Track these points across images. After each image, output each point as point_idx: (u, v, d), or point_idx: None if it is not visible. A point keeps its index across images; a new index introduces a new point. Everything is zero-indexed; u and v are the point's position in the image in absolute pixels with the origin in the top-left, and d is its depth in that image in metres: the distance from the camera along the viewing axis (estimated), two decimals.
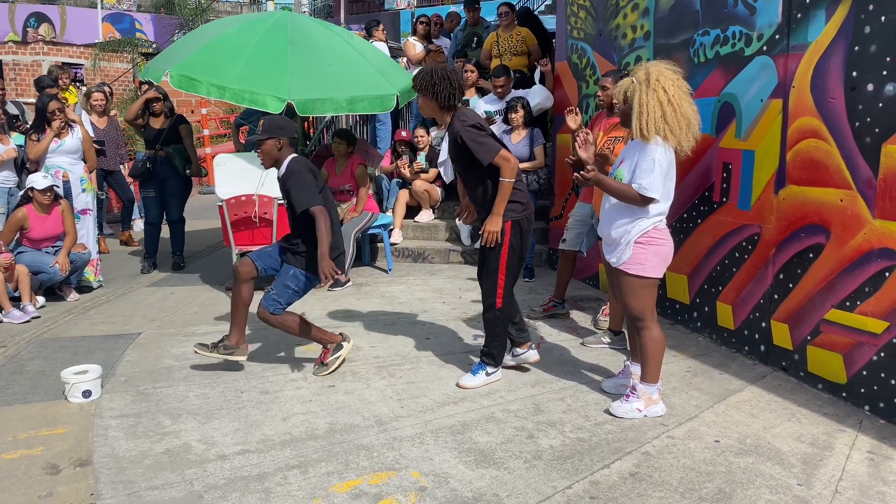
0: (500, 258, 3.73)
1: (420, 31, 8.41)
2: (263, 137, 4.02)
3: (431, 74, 3.68)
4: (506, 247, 3.71)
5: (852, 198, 3.62)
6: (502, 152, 3.59)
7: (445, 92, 3.63)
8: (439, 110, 3.72)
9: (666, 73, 3.30)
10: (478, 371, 3.91)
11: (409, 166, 7.26)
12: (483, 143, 3.57)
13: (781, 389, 3.88)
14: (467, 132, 3.58)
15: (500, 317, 3.85)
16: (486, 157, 3.57)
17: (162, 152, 6.60)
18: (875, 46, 3.47)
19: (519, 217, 3.72)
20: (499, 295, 3.79)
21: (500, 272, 3.75)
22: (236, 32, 5.70)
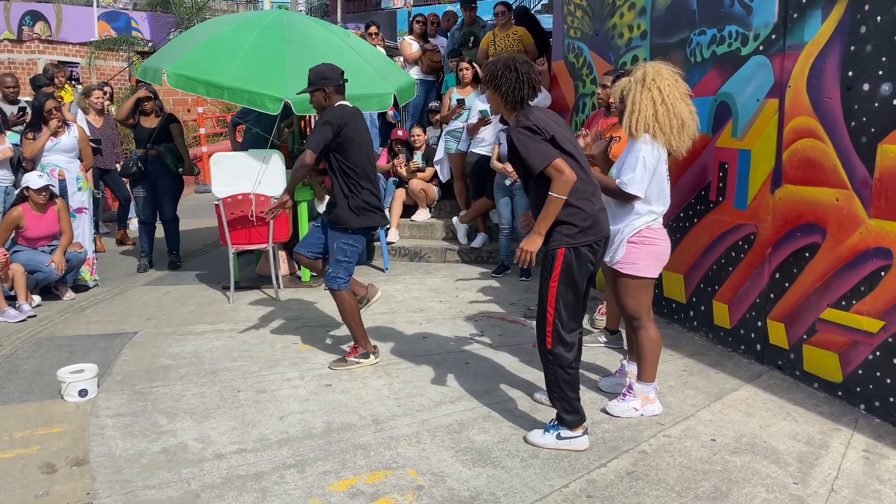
0: (548, 289, 3.11)
1: (416, 30, 8.40)
2: (310, 90, 4.14)
3: (496, 64, 3.17)
4: (555, 277, 3.08)
5: (848, 197, 3.63)
6: (556, 162, 2.95)
7: (509, 85, 3.10)
8: (504, 107, 3.19)
9: (664, 72, 3.30)
10: (549, 430, 3.25)
11: (406, 165, 7.26)
12: (534, 149, 2.99)
13: (777, 388, 3.89)
14: (518, 134, 3.04)
15: (553, 360, 3.15)
16: (537, 164, 2.98)
17: (153, 151, 6.59)
18: (871, 46, 3.48)
19: (575, 243, 3.05)
20: (548, 333, 3.13)
21: (549, 306, 3.11)
22: (232, 31, 5.69)
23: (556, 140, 3.02)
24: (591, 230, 3.08)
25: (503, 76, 3.10)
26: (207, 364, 4.31)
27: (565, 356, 3.14)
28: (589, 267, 3.12)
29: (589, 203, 3.08)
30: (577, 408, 3.19)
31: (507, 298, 5.74)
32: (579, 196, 3.03)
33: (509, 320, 5.17)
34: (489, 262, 6.87)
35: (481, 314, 5.31)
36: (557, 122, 3.15)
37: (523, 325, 5.04)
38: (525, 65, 3.15)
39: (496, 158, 6.18)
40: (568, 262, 3.06)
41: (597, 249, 3.12)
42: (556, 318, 3.11)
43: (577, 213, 3.04)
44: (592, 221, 3.08)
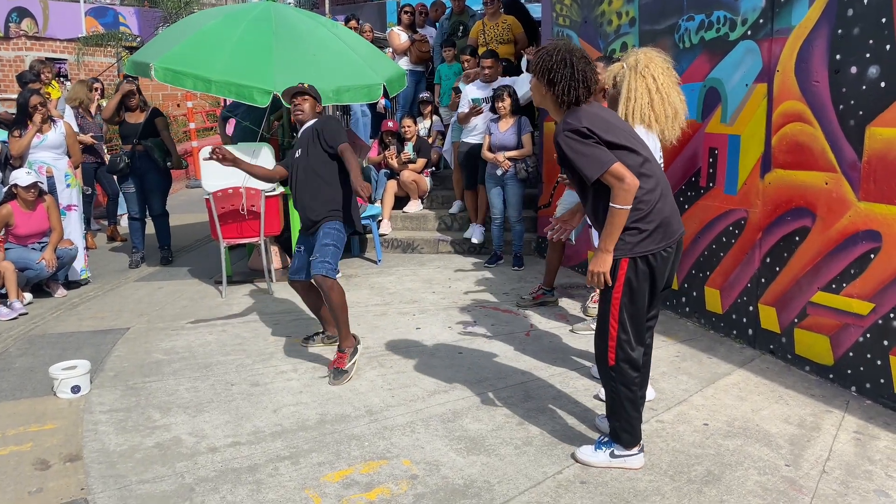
0: (610, 300, 2.80)
1: (405, 20, 8.37)
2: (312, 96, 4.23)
3: (551, 55, 2.76)
4: (618, 287, 2.77)
5: (837, 181, 3.64)
6: (614, 168, 2.63)
7: (563, 83, 2.73)
8: (552, 105, 2.83)
9: (656, 60, 3.30)
10: (600, 447, 2.99)
11: (397, 157, 7.24)
12: (587, 155, 2.66)
13: (769, 372, 3.91)
14: (566, 139, 2.70)
15: (615, 378, 2.87)
16: (592, 172, 2.66)
17: (140, 147, 6.57)
18: (858, 29, 3.48)
19: (642, 252, 2.73)
20: (610, 348, 2.84)
21: (612, 318, 2.81)
22: (220, 24, 5.65)
23: (613, 140, 2.70)
24: (660, 234, 2.74)
25: (557, 70, 2.72)
26: (200, 358, 4.30)
27: (630, 373, 2.85)
28: (660, 276, 2.80)
29: (655, 203, 2.73)
30: (637, 428, 2.91)
31: (500, 288, 5.75)
32: (644, 195, 2.70)
33: (502, 310, 5.18)
34: (482, 253, 6.87)
35: (474, 304, 5.31)
36: (611, 118, 2.82)
37: (516, 315, 5.05)
38: (583, 60, 2.75)
39: (486, 148, 6.16)
40: (632, 273, 2.75)
41: (667, 256, 2.79)
42: (621, 332, 2.81)
43: (641, 216, 2.71)
44: (660, 223, 2.73)
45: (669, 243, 2.78)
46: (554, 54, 2.77)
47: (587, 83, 2.75)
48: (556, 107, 2.83)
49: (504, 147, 6.07)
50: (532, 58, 2.84)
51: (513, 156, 6.03)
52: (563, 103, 2.79)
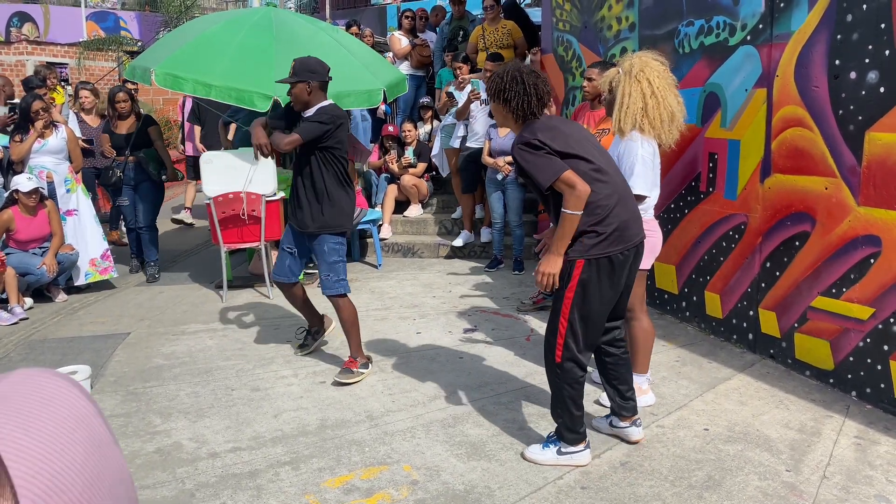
0: (562, 299, 2.87)
1: (405, 25, 8.39)
2: (293, 80, 3.89)
3: (501, 76, 2.94)
4: (572, 287, 2.83)
5: (837, 185, 3.64)
6: (564, 175, 2.73)
7: (517, 99, 2.88)
8: (512, 121, 2.96)
9: (652, 64, 3.30)
10: (547, 445, 3.06)
11: (397, 161, 7.25)
12: (538, 166, 2.78)
13: (770, 377, 3.91)
14: (520, 152, 2.83)
15: (559, 375, 2.93)
16: (543, 180, 2.77)
17: (133, 158, 6.31)
18: (857, 34, 3.49)
19: (598, 254, 2.80)
20: (558, 345, 2.90)
21: (562, 317, 2.88)
22: (220, 29, 5.67)
23: (563, 150, 2.79)
24: (616, 238, 2.82)
25: (509, 88, 2.88)
26: (201, 363, 4.31)
27: (575, 372, 2.92)
28: (616, 279, 2.87)
29: (612, 208, 2.82)
30: (580, 425, 2.99)
31: (500, 293, 5.75)
32: (601, 201, 2.80)
33: (503, 314, 5.18)
34: (482, 257, 6.88)
35: (475, 309, 5.32)
36: (565, 128, 2.93)
37: (517, 320, 5.05)
38: (532, 75, 2.92)
39: (487, 153, 6.17)
40: (587, 275, 2.81)
41: (624, 259, 2.86)
42: (569, 331, 2.88)
43: (598, 220, 2.79)
44: (617, 226, 2.82)
45: (627, 247, 2.87)
46: (504, 75, 2.94)
47: (539, 95, 2.91)
48: (515, 122, 2.97)
49: (504, 152, 6.08)
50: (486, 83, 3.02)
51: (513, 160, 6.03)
52: (519, 118, 2.93)
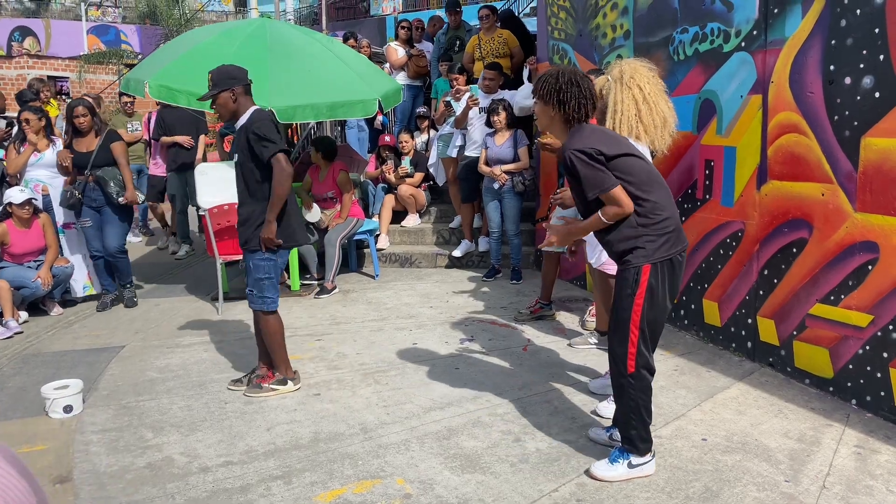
0: (632, 307, 2.83)
1: (402, 35, 8.40)
2: (215, 91, 3.67)
3: (558, 77, 2.89)
4: (641, 294, 2.82)
5: (833, 191, 3.61)
6: (614, 192, 2.77)
7: (574, 101, 2.86)
8: (561, 124, 2.93)
9: (641, 70, 3.28)
10: (616, 460, 2.94)
11: (394, 171, 7.23)
12: (591, 177, 2.79)
13: (769, 385, 3.87)
14: (575, 158, 2.80)
15: (633, 384, 2.89)
16: (592, 192, 2.80)
17: (91, 178, 5.68)
18: (851, 40, 3.47)
19: (661, 258, 2.81)
20: (630, 354, 2.86)
21: (633, 325, 2.84)
22: (215, 41, 5.67)
23: (620, 152, 2.82)
24: (675, 239, 2.85)
25: (566, 90, 2.86)
26: (195, 376, 4.27)
27: (647, 379, 2.91)
28: (676, 281, 2.90)
29: (668, 208, 2.86)
30: (650, 433, 2.95)
31: (497, 302, 5.71)
32: (660, 201, 2.84)
33: (500, 324, 5.14)
34: (480, 266, 6.85)
35: (472, 319, 5.28)
36: (610, 132, 2.98)
37: (514, 329, 5.02)
38: (586, 79, 2.92)
39: (483, 162, 6.15)
40: (654, 279, 2.81)
41: (682, 261, 2.90)
42: (641, 338, 2.86)
43: (658, 221, 2.82)
44: (675, 227, 2.86)
45: (684, 247, 2.91)
46: (560, 76, 2.91)
47: (593, 100, 2.93)
48: (564, 126, 2.95)
49: (501, 161, 6.06)
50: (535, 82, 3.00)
51: (509, 169, 6.02)
52: (570, 121, 2.92)
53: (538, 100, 2.96)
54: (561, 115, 2.90)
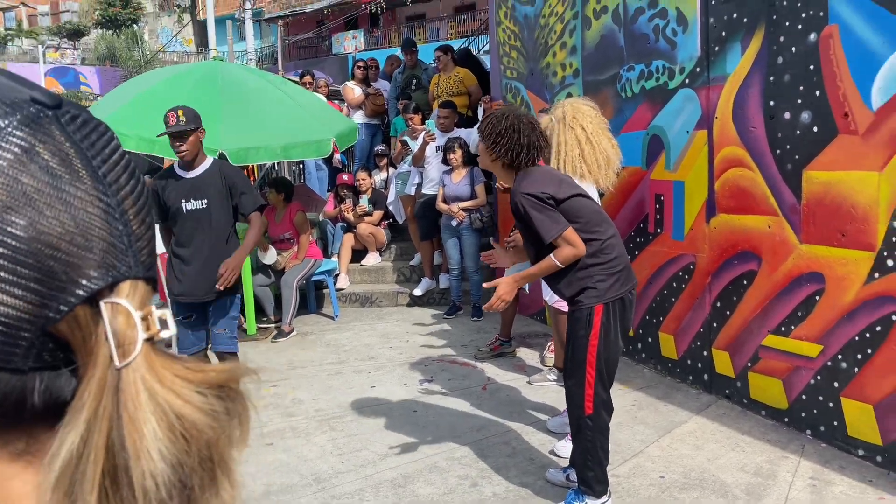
0: (586, 348, 2.82)
1: (358, 75, 8.45)
2: (192, 127, 3.70)
3: (499, 119, 2.89)
4: (595, 334, 2.80)
5: (779, 224, 3.67)
6: (567, 234, 2.76)
7: (510, 147, 2.86)
8: (500, 168, 2.94)
9: (583, 109, 3.32)
10: (572, 503, 2.93)
11: (353, 210, 7.20)
12: (542, 219, 2.78)
13: (726, 418, 3.87)
14: (524, 200, 2.80)
15: (591, 426, 2.86)
16: (547, 235, 2.77)
17: None
18: (788, 76, 3.56)
19: (613, 297, 2.82)
20: (588, 396, 2.84)
21: (589, 366, 2.82)
22: (165, 84, 5.62)
23: (570, 193, 2.84)
24: (625, 278, 2.86)
25: (504, 134, 2.85)
26: None
27: (605, 419, 2.89)
28: (627, 319, 2.91)
29: (617, 247, 2.88)
30: (606, 474, 2.93)
31: (458, 340, 5.67)
32: (609, 240, 2.85)
33: (460, 363, 5.09)
34: (441, 304, 6.80)
35: (431, 358, 5.22)
36: (560, 180, 2.94)
37: (474, 368, 4.97)
38: (529, 126, 2.90)
39: (441, 199, 6.16)
40: (606, 318, 2.81)
41: (633, 298, 2.92)
42: (598, 379, 2.83)
43: (608, 260, 2.83)
44: (625, 266, 2.88)
45: (634, 285, 2.92)
46: (502, 120, 2.89)
47: (531, 149, 2.89)
48: (505, 170, 2.95)
49: (458, 198, 6.07)
50: (480, 122, 3.03)
51: (467, 206, 6.03)
52: (509, 167, 2.92)
53: (480, 140, 2.97)
54: (501, 158, 2.89)
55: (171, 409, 0.50)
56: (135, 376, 0.50)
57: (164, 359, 0.53)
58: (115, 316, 0.50)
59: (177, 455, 0.49)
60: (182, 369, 0.53)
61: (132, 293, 0.52)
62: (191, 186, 3.82)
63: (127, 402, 0.49)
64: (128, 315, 0.51)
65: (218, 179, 3.82)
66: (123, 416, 0.48)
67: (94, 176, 0.50)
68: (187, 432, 0.50)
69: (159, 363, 0.52)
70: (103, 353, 0.49)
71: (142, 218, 0.54)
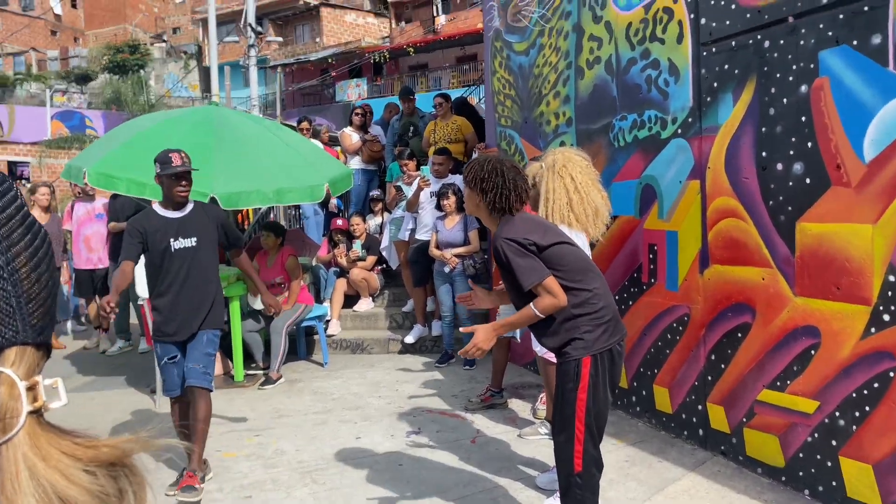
0: (575, 402, 2.72)
1: (356, 121, 8.51)
2: (193, 169, 3.85)
3: (483, 165, 2.88)
4: (583, 387, 2.71)
5: (773, 276, 3.60)
6: (546, 282, 2.68)
7: (495, 191, 2.82)
8: (485, 212, 2.90)
9: (574, 159, 3.30)
10: None
11: (346, 255, 7.15)
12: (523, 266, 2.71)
13: (721, 476, 3.74)
14: (505, 246, 2.73)
15: (581, 484, 2.74)
16: (526, 282, 2.70)
17: None
18: (780, 127, 3.54)
19: (601, 349, 2.73)
20: (577, 453, 2.73)
21: (578, 420, 2.72)
22: (159, 127, 5.63)
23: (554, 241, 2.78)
24: (613, 328, 2.78)
25: (488, 179, 2.82)
26: None
27: (596, 477, 2.79)
28: (617, 372, 2.81)
29: (604, 296, 2.79)
30: None
31: (449, 390, 5.54)
32: (596, 290, 2.77)
33: (449, 414, 4.96)
34: (434, 351, 6.69)
35: (421, 409, 5.09)
36: (544, 221, 2.96)
37: (463, 420, 4.84)
38: (513, 170, 2.86)
39: (434, 245, 6.11)
40: (594, 370, 2.71)
41: (622, 349, 2.82)
42: (588, 435, 2.73)
43: (594, 310, 2.74)
44: (612, 316, 2.79)
45: (623, 336, 2.83)
46: (485, 164, 2.87)
47: (518, 192, 2.84)
48: (489, 215, 2.90)
49: (451, 244, 6.03)
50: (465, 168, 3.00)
51: (460, 252, 5.98)
52: (495, 211, 2.86)
53: (465, 185, 2.94)
54: (485, 203, 2.85)
55: (55, 492, 0.44)
56: (16, 453, 0.44)
57: (50, 433, 0.46)
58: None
59: None
60: (70, 445, 0.47)
61: (18, 360, 0.46)
62: (179, 225, 3.86)
63: (5, 482, 0.43)
64: (11, 385, 0.44)
65: (204, 218, 3.94)
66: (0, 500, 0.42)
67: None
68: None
69: (45, 439, 0.45)
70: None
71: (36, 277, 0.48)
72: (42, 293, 0.45)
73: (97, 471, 0.45)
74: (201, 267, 3.87)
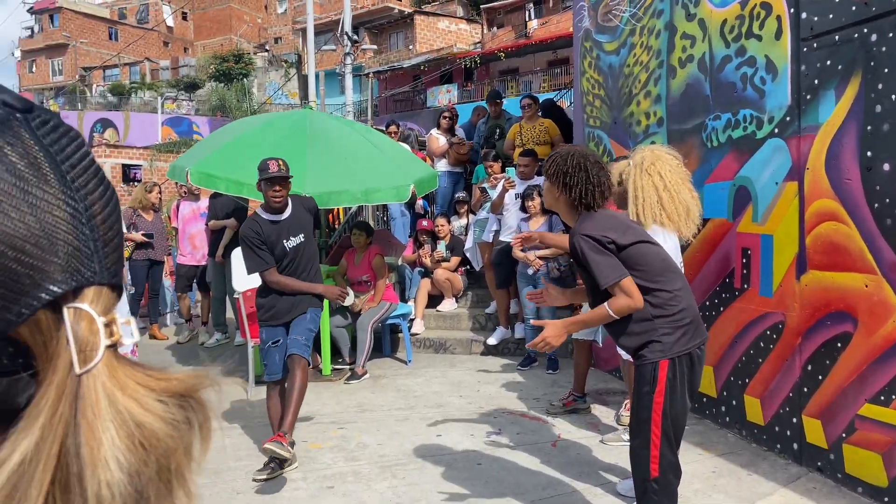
0: (651, 406, 2.64)
1: (444, 125, 8.60)
2: (289, 176, 4.13)
3: (565, 158, 2.78)
4: (660, 391, 2.62)
5: (878, 283, 3.38)
6: (624, 283, 2.60)
7: (579, 187, 2.73)
8: (566, 208, 2.81)
9: (664, 157, 3.21)
10: None
11: (430, 255, 7.22)
12: (601, 263, 2.63)
13: (816, 493, 3.54)
14: (583, 242, 2.66)
15: (657, 490, 2.66)
16: (603, 280, 2.62)
17: None
18: (888, 125, 3.33)
19: (680, 352, 2.64)
20: (653, 458, 2.65)
21: (654, 425, 2.64)
22: (257, 131, 5.88)
23: (634, 240, 2.69)
24: (694, 332, 2.69)
25: (572, 174, 2.73)
26: (212, 463, 4.17)
27: (673, 483, 2.70)
28: (697, 376, 2.73)
29: (685, 299, 2.70)
30: None
31: (530, 393, 5.50)
32: (676, 293, 2.68)
33: (530, 417, 4.93)
34: (516, 354, 6.66)
35: (501, 410, 5.08)
36: (626, 219, 2.87)
37: (544, 423, 4.79)
38: (596, 166, 2.77)
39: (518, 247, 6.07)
40: (672, 374, 2.63)
41: (702, 354, 2.73)
42: (664, 440, 2.64)
43: (674, 312, 2.66)
44: (693, 319, 2.71)
45: (703, 340, 2.75)
46: (568, 159, 2.78)
47: (602, 188, 2.77)
48: (569, 210, 2.83)
49: (535, 246, 5.98)
50: (547, 162, 2.92)
51: (544, 254, 5.92)
52: (576, 207, 2.79)
53: (546, 178, 2.87)
54: (566, 198, 2.77)
55: (132, 418, 0.47)
56: (95, 383, 0.47)
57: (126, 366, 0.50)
58: (77, 321, 0.48)
59: (134, 464, 0.46)
60: (144, 377, 0.50)
61: (96, 299, 0.49)
62: (287, 227, 4.22)
63: (86, 409, 0.46)
64: (91, 321, 0.48)
65: (303, 212, 4.30)
66: (82, 424, 0.46)
67: (61, 180, 0.48)
68: (146, 441, 0.47)
69: (121, 370, 0.49)
70: (64, 358, 0.47)
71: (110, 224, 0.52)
72: (115, 239, 0.49)
73: (168, 401, 0.49)
74: (309, 256, 4.30)
